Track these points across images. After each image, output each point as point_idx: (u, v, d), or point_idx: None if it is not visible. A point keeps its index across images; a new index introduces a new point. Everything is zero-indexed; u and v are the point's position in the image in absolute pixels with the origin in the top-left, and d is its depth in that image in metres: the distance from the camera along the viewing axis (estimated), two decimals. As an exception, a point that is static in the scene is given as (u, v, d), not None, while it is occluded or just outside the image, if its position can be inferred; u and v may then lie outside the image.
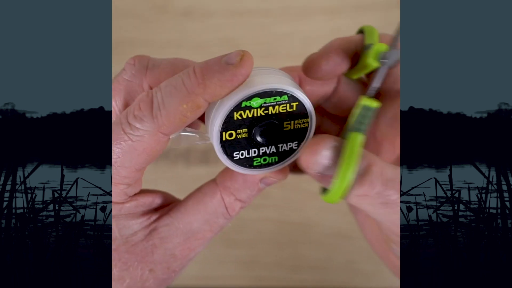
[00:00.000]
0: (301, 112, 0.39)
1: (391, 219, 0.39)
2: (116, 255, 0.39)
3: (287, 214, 0.69)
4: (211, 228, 0.40)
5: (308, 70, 0.41)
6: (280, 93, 0.38)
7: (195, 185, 0.69)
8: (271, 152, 0.40)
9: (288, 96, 0.38)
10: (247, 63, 0.36)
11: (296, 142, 0.40)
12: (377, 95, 0.42)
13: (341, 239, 0.69)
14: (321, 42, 0.42)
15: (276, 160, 0.40)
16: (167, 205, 0.41)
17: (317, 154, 0.37)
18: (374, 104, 0.38)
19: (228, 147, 0.38)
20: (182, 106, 0.36)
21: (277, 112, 0.38)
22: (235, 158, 0.39)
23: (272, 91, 0.38)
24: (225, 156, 0.39)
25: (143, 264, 0.39)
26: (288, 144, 0.40)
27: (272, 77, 0.39)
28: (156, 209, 0.41)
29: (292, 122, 0.39)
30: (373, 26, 0.42)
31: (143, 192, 0.40)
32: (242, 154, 0.39)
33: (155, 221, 0.40)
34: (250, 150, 0.39)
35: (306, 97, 0.39)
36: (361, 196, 0.38)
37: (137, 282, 0.40)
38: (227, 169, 0.40)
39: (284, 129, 0.39)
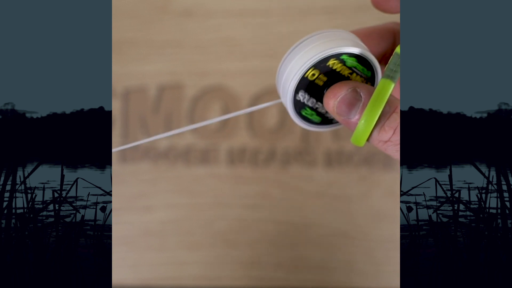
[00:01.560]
0: (371, 74, 0.40)
1: None
2: None
3: (287, 214, 0.69)
4: None
5: (377, 2, 0.42)
6: (357, 56, 0.39)
7: (195, 185, 0.69)
8: None
9: (360, 58, 0.39)
10: None
11: None
12: None
13: (341, 239, 0.69)
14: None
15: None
16: None
17: (334, 97, 0.38)
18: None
19: (298, 106, 0.40)
20: None
21: (347, 72, 0.39)
22: (303, 114, 0.40)
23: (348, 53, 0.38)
24: (296, 114, 0.40)
25: None
26: None
27: (349, 41, 0.39)
28: None
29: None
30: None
31: None
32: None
33: None
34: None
35: (377, 61, 0.39)
36: (385, 142, 0.38)
37: None
38: None
39: None
